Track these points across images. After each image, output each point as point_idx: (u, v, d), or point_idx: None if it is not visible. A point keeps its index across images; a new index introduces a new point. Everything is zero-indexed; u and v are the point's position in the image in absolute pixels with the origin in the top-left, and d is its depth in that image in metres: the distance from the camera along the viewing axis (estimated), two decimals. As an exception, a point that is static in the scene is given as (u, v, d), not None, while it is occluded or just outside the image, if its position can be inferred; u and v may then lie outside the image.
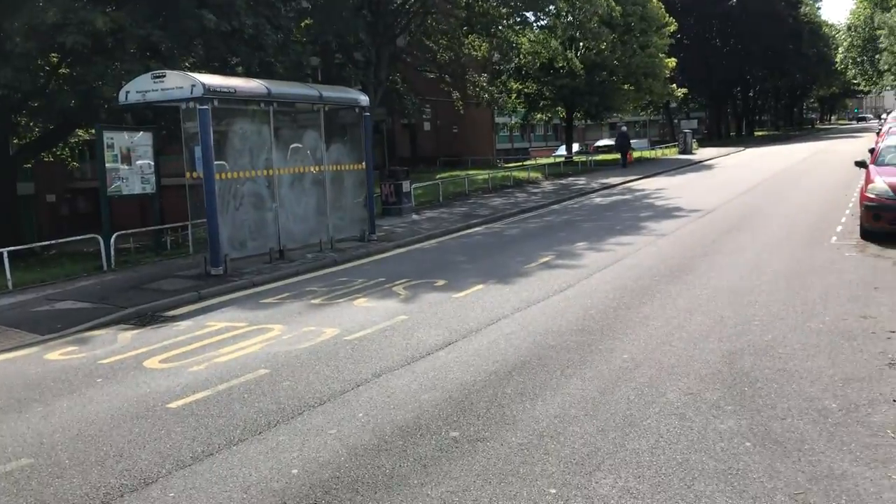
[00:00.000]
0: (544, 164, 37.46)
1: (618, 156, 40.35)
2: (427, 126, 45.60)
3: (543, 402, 6.16)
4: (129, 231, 15.80)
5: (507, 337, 8.23)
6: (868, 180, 13.43)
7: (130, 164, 15.20)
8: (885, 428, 5.33)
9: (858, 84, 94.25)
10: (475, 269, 12.63)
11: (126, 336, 9.55)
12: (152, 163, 15.57)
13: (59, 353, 8.87)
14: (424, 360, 7.58)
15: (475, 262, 13.43)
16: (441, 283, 11.58)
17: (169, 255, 15.79)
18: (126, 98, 13.05)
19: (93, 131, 20.28)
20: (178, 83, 12.61)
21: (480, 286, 11.10)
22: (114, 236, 14.32)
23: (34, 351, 9.13)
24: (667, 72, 44.62)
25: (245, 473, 5.18)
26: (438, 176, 32.42)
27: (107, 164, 14.73)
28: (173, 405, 6.69)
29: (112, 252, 14.23)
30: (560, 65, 34.89)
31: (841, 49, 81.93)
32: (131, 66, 16.55)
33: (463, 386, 6.69)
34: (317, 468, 5.21)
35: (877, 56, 67.01)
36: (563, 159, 42.21)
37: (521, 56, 35.46)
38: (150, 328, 9.95)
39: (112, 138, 14.88)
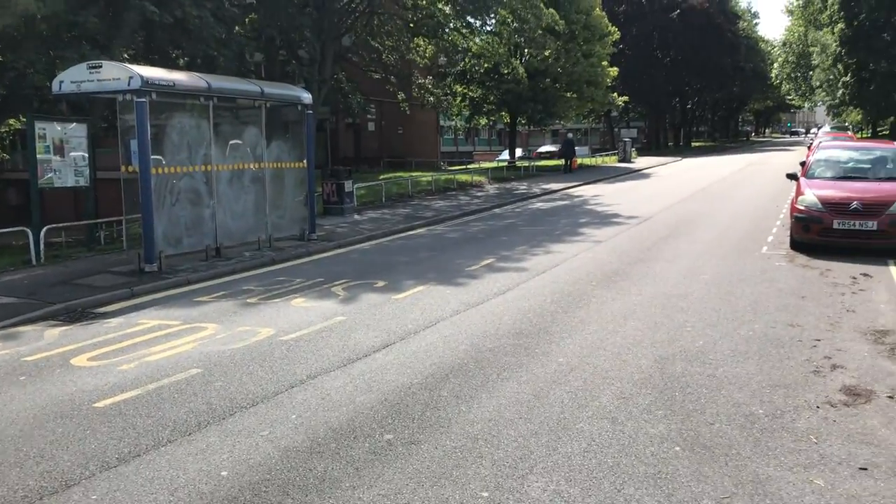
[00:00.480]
0: (488, 168, 37.70)
1: (559, 162, 40.79)
2: (371, 126, 45.41)
3: (479, 405, 6.17)
4: (61, 224, 15.30)
5: (446, 339, 8.23)
6: (799, 192, 13.85)
7: (63, 155, 14.71)
8: (808, 434, 5.48)
9: (792, 99, 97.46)
10: (416, 271, 12.61)
11: (54, 333, 9.25)
12: (87, 155, 15.10)
13: (-19, 350, 8.54)
14: (361, 361, 7.53)
15: (416, 264, 13.40)
16: (381, 284, 11.52)
17: (102, 251, 15.35)
18: (60, 88, 12.64)
19: (24, 120, 19.62)
20: (116, 74, 12.27)
21: (421, 288, 11.08)
22: (44, 230, 13.84)
23: (-46, 347, 8.76)
24: (609, 80, 45.31)
25: (172, 475, 5.06)
26: (382, 176, 32.34)
27: (38, 156, 14.23)
28: (100, 404, 6.50)
29: (42, 246, 13.76)
30: (505, 71, 35.10)
31: (776, 65, 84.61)
32: (65, 54, 16.08)
33: (399, 388, 6.66)
34: (247, 470, 5.11)
35: (810, 73, 69.35)
36: (506, 164, 42.54)
37: (468, 60, 35.55)
38: (79, 325, 9.65)
39: (44, 128, 14.37)
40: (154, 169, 12.50)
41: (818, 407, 6.01)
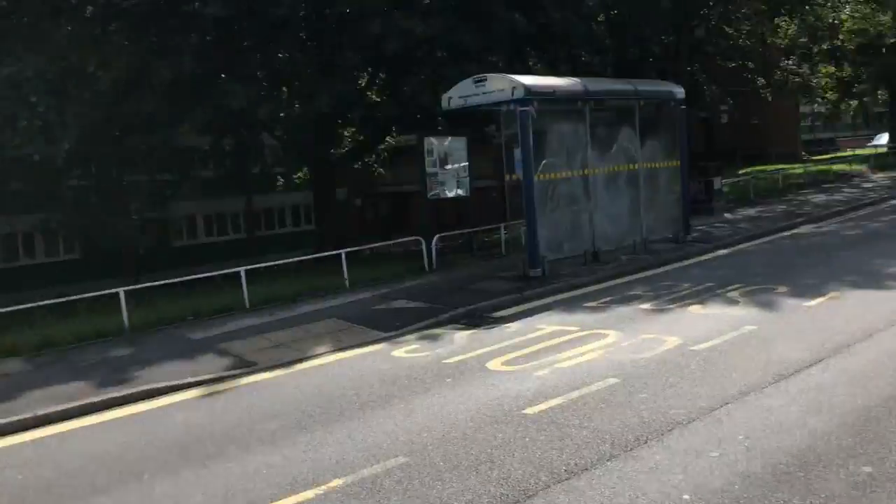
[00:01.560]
0: (868, 156, 33.53)
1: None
2: (724, 118, 42.95)
3: (975, 439, 5.13)
4: (450, 233, 16.25)
5: (892, 354, 7.11)
6: None
7: (446, 168, 15.73)
8: None
9: None
10: (818, 274, 11.32)
11: (462, 336, 9.73)
12: (467, 165, 15.98)
13: (405, 351, 9.22)
14: (795, 377, 6.75)
15: (815, 266, 12.06)
16: (782, 289, 10.47)
17: (482, 257, 16.09)
18: (448, 104, 13.47)
19: (400, 138, 21.46)
20: (499, 86, 12.74)
21: (834, 293, 9.86)
22: (435, 238, 14.84)
23: (381, 348, 9.60)
24: None
25: (631, 495, 4.80)
26: (741, 171, 30.38)
27: (427, 169, 15.36)
28: (529, 411, 6.54)
29: (434, 254, 14.72)
30: (892, 41, 30.86)
31: None
32: (445, 73, 17.15)
33: (856, 412, 5.80)
34: (710, 496, 4.69)
35: None
36: (886, 150, 37.59)
37: (840, 36, 31.93)
38: (482, 329, 10.06)
39: (432, 144, 15.50)
40: (536, 176, 12.75)
41: None
